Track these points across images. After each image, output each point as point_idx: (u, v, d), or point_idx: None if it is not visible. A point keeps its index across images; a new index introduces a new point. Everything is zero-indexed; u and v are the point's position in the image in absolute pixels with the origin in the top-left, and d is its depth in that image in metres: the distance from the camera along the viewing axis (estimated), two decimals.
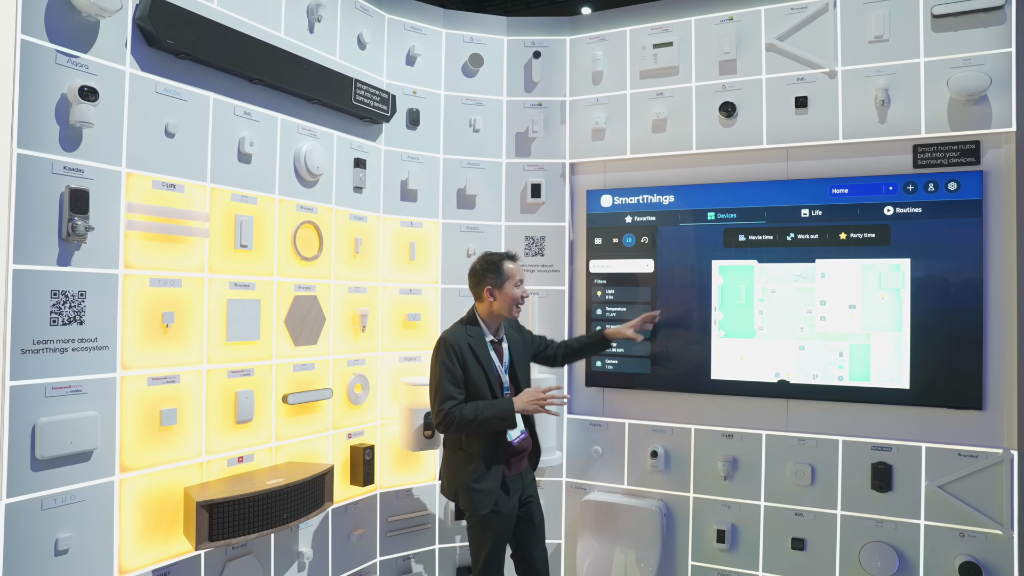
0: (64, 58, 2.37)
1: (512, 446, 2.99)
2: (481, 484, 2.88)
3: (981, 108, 3.24)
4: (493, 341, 3.05)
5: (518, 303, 3.01)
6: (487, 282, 2.99)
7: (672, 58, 3.84)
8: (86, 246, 2.44)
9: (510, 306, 3.01)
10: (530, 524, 3.07)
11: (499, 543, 2.94)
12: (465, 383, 2.91)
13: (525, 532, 3.07)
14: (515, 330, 3.21)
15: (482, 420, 2.82)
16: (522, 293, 3.03)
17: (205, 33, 2.77)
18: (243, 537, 2.74)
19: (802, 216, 3.58)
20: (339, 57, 3.52)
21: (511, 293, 2.98)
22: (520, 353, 3.15)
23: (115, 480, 2.54)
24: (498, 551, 2.94)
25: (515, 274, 3.01)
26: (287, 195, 3.25)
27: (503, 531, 2.94)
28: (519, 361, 3.12)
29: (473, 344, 2.95)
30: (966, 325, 3.27)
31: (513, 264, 3.03)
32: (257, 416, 3.08)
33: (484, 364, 2.95)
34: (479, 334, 3.00)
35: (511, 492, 2.98)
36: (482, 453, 2.89)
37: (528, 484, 3.10)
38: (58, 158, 2.36)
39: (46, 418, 2.31)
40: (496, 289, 2.99)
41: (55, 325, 2.35)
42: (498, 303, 3.00)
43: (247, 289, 3.05)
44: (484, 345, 2.98)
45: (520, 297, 3.02)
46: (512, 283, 3.00)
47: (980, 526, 3.21)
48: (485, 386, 2.92)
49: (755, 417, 3.68)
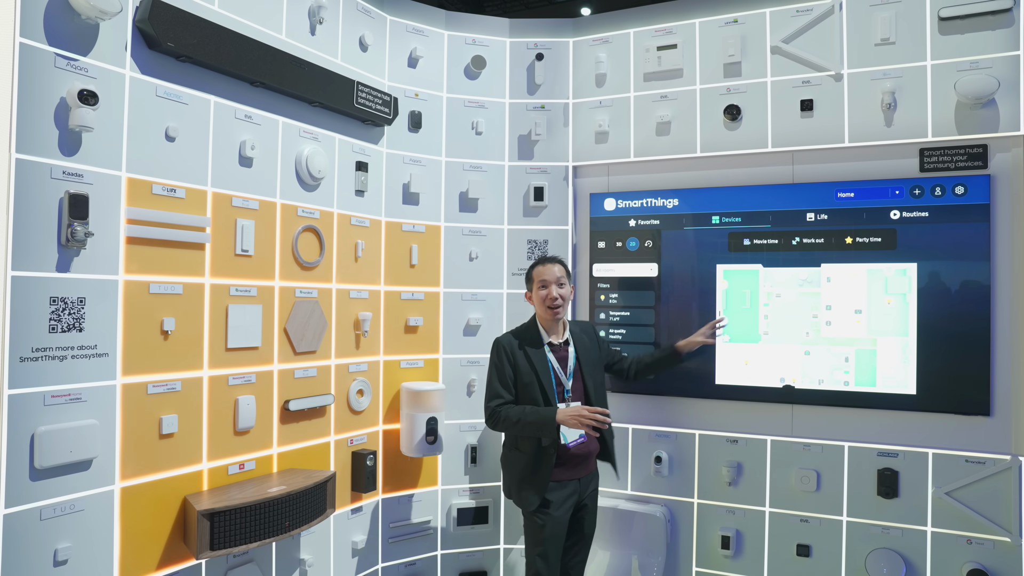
0: (63, 61, 2.34)
1: (567, 449, 3.00)
2: (528, 481, 2.98)
3: (989, 112, 3.21)
4: (553, 344, 3.11)
5: (547, 305, 3.10)
6: (527, 287, 3.23)
7: (676, 60, 3.81)
8: (85, 252, 2.40)
9: (542, 309, 3.13)
10: (579, 531, 3.12)
11: (550, 545, 2.97)
12: (516, 383, 3.04)
13: (572, 538, 3.11)
14: (587, 336, 3.23)
15: (524, 424, 2.94)
16: (547, 295, 3.08)
17: (206, 35, 2.74)
18: (245, 546, 2.70)
19: (807, 220, 3.56)
20: (340, 59, 3.48)
21: (538, 295, 3.13)
22: (591, 359, 3.18)
23: (115, 489, 2.50)
24: (547, 553, 2.97)
25: (539, 276, 3.14)
26: (288, 199, 3.22)
27: (553, 534, 2.98)
28: (588, 367, 3.14)
29: (527, 346, 3.08)
30: (973, 330, 3.24)
31: (542, 266, 3.16)
32: (258, 423, 3.05)
33: (536, 366, 3.04)
34: (535, 337, 3.12)
35: (565, 495, 3.00)
36: (532, 452, 2.99)
37: (588, 491, 3.11)
38: (57, 163, 2.32)
39: (45, 427, 2.27)
40: (530, 293, 3.20)
41: (54, 332, 2.32)
42: (536, 307, 3.17)
43: (248, 295, 3.01)
44: (540, 348, 3.08)
45: (544, 298, 3.08)
46: (536, 286, 3.14)
47: (988, 533, 3.18)
48: (536, 388, 3.01)
49: (760, 422, 3.65)
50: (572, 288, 3.23)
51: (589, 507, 3.15)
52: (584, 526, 3.14)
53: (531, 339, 3.11)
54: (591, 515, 3.18)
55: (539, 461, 2.98)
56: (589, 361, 3.17)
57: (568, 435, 3.02)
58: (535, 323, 3.17)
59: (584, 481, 3.11)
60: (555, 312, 3.09)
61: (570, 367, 3.13)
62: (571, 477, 3.04)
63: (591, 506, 3.17)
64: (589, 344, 3.22)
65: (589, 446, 3.10)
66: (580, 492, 3.08)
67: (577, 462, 3.06)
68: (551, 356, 3.10)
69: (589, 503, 3.15)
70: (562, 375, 3.10)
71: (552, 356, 3.10)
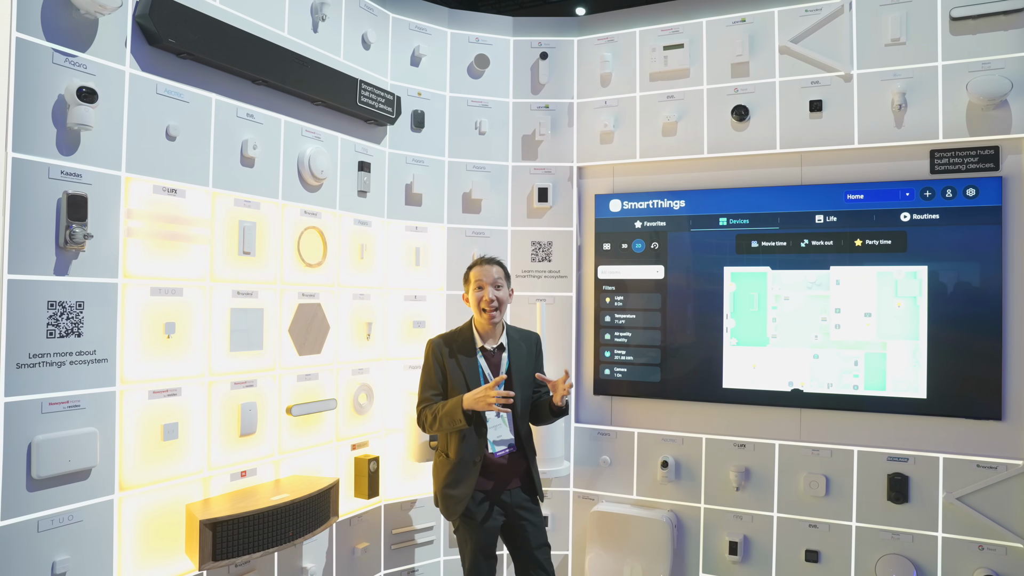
0: (62, 57, 2.26)
1: (493, 458, 2.88)
2: (453, 490, 2.86)
3: (1001, 113, 3.18)
4: (486, 349, 2.96)
5: (481, 308, 2.90)
6: (464, 289, 3.02)
7: (683, 60, 3.76)
8: (84, 254, 2.33)
9: (477, 312, 2.94)
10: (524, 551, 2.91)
11: (477, 554, 2.87)
12: (445, 386, 2.92)
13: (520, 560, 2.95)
14: (526, 345, 3.05)
15: (441, 417, 2.79)
16: (483, 297, 2.89)
17: (207, 32, 2.67)
18: (248, 556, 2.64)
19: (816, 222, 3.51)
20: (343, 57, 3.42)
21: (474, 297, 2.94)
22: (522, 368, 2.98)
23: (115, 499, 2.43)
24: (477, 563, 2.88)
25: (475, 277, 2.94)
26: (291, 199, 3.15)
27: (480, 542, 2.87)
28: (518, 376, 2.95)
29: (458, 349, 2.93)
30: (985, 334, 3.21)
31: (479, 267, 2.96)
32: (260, 428, 2.98)
33: (466, 372, 2.90)
34: (468, 340, 2.96)
35: (491, 505, 2.88)
36: (458, 459, 2.86)
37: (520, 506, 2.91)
38: (55, 162, 2.25)
39: (43, 435, 2.20)
40: (467, 295, 3.00)
41: (52, 337, 2.24)
42: (472, 310, 2.98)
43: (250, 297, 2.94)
44: (471, 351, 2.93)
45: (480, 300, 2.90)
46: (473, 287, 2.94)
47: (1000, 539, 3.15)
48: (464, 391, 2.83)
49: (768, 427, 3.60)
50: (511, 291, 3.02)
51: (527, 520, 2.92)
52: (529, 540, 2.90)
53: (463, 342, 2.95)
54: (535, 529, 2.92)
55: (464, 469, 2.84)
56: (520, 371, 2.96)
57: (494, 443, 2.90)
58: (470, 327, 3.00)
59: (513, 495, 2.91)
60: (491, 315, 2.90)
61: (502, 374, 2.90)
62: (495, 488, 2.89)
63: (529, 519, 2.92)
64: (526, 354, 3.02)
65: (515, 460, 2.94)
66: (511, 505, 2.90)
67: (502, 473, 2.89)
68: (482, 362, 2.94)
69: (527, 516, 2.92)
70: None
71: (484, 362, 2.94)
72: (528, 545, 2.91)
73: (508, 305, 3.02)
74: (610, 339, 3.91)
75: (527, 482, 2.97)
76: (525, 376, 2.99)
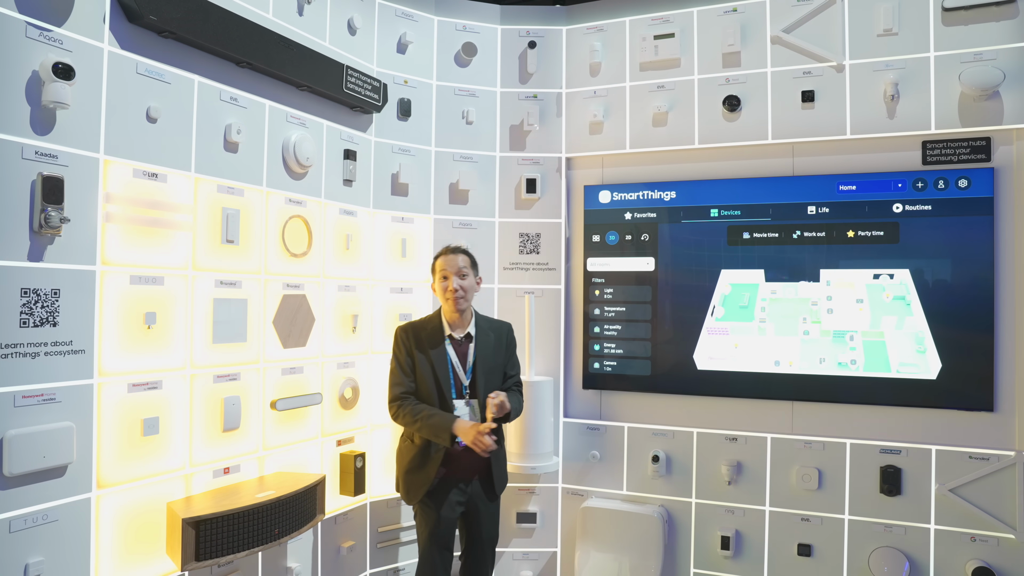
0: (35, 31, 2.14)
1: (457, 447, 2.89)
2: (414, 474, 2.92)
3: (993, 104, 3.18)
4: (454, 338, 3.00)
5: (446, 297, 2.98)
6: (432, 278, 3.09)
7: (674, 50, 3.72)
8: (60, 240, 2.21)
9: (443, 301, 3.02)
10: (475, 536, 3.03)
11: (432, 541, 2.91)
12: (414, 372, 2.96)
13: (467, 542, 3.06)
14: (495, 335, 3.09)
15: (422, 426, 2.85)
16: (447, 286, 2.96)
17: (190, 10, 2.55)
18: (232, 555, 2.53)
19: (808, 213, 3.49)
20: (329, 42, 3.32)
21: (439, 286, 3.01)
22: (488, 360, 3.03)
23: (92, 497, 2.31)
24: (430, 549, 2.91)
25: (440, 266, 3.02)
26: (275, 187, 3.05)
27: (436, 530, 2.91)
28: (484, 367, 3.01)
29: (425, 337, 2.98)
30: (976, 325, 3.21)
31: (444, 257, 3.03)
32: (244, 423, 2.87)
33: (434, 360, 2.95)
34: (436, 329, 3.01)
35: (450, 493, 2.91)
36: (422, 446, 2.91)
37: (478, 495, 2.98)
38: (29, 142, 2.13)
39: (15, 430, 2.08)
40: (434, 285, 3.07)
41: (26, 327, 2.12)
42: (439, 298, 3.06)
43: (234, 287, 2.84)
44: (439, 340, 2.98)
45: (445, 289, 2.97)
46: (438, 276, 3.02)
47: (992, 530, 3.15)
48: (431, 382, 2.93)
49: (760, 420, 3.57)
50: (479, 280, 3.09)
51: (483, 512, 3.00)
52: (482, 531, 3.01)
53: (432, 331, 3.00)
54: (489, 521, 3.04)
55: (427, 456, 2.90)
56: (486, 360, 3.02)
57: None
58: (439, 316, 3.05)
59: (473, 485, 2.97)
60: (456, 304, 2.96)
61: (469, 363, 3.01)
62: (457, 477, 2.93)
63: (486, 511, 3.01)
64: (494, 344, 3.07)
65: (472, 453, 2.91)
66: (469, 495, 2.97)
67: (465, 464, 2.93)
68: (451, 351, 2.99)
69: (483, 508, 3.00)
70: (460, 371, 2.98)
71: (452, 351, 2.99)
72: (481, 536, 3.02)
73: (475, 293, 3.07)
74: (599, 332, 3.86)
75: (486, 477, 3.00)
76: (492, 365, 3.05)
